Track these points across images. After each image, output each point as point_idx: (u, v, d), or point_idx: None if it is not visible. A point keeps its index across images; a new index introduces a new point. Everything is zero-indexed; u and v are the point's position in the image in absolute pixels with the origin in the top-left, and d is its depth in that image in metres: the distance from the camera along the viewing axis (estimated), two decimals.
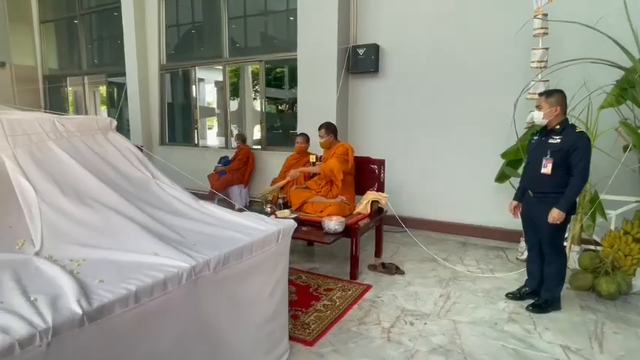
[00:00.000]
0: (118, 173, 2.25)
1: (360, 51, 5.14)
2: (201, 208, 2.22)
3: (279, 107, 7.66)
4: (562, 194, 2.76)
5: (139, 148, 2.62)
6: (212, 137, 11.23)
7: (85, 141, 2.29)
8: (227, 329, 1.83)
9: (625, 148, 3.56)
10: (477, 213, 4.82)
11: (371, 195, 3.89)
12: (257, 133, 7.45)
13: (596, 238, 3.75)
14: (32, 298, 1.26)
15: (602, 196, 3.55)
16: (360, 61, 5.16)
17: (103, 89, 11.42)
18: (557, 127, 2.80)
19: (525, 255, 4.04)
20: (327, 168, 3.87)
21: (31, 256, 1.64)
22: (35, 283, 1.39)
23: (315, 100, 5.32)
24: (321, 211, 3.76)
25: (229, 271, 1.78)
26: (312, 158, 4.34)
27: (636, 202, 3.63)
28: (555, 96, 2.81)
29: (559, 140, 2.75)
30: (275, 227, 2.10)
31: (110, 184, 2.09)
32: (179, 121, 7.87)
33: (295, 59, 5.62)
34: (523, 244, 4.07)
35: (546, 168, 2.78)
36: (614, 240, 3.44)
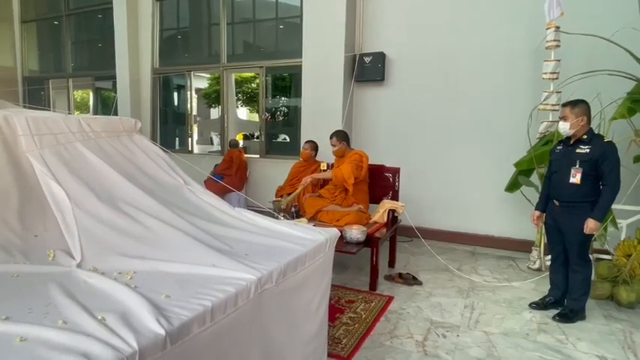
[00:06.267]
0: (149, 178, 2.09)
1: (367, 59, 5.11)
2: (241, 216, 2.08)
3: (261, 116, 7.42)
4: (590, 203, 2.77)
5: (164, 151, 2.46)
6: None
7: (112, 143, 2.12)
8: (284, 346, 1.69)
9: (636, 159, 3.65)
10: (484, 222, 4.82)
11: (388, 204, 3.82)
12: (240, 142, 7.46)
13: (607, 247, 3.80)
14: (99, 317, 1.10)
15: (613, 206, 3.59)
16: (367, 70, 5.13)
17: (77, 94, 10.98)
18: (585, 136, 2.81)
19: (537, 264, 4.07)
20: (339, 173, 3.76)
21: (73, 269, 1.47)
22: (94, 300, 1.22)
23: (320, 108, 5.23)
24: (338, 220, 3.65)
25: (287, 283, 1.65)
26: (324, 166, 4.24)
27: None
28: (581, 106, 2.83)
29: (588, 150, 2.76)
30: (322, 236, 1.98)
31: (144, 189, 1.93)
32: (171, 127, 7.61)
33: (296, 66, 5.54)
34: (535, 254, 4.09)
35: (575, 178, 2.78)
36: (628, 249, 3.49)
